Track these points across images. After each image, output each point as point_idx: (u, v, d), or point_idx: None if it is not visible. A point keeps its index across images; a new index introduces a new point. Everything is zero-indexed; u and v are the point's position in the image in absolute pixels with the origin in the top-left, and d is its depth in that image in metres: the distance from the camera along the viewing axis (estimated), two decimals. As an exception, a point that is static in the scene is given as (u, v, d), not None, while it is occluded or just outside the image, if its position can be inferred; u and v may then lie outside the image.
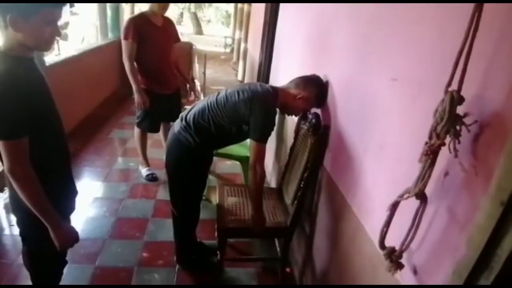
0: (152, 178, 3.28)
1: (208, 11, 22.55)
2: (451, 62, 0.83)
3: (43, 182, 1.25)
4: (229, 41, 13.38)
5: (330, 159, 1.77)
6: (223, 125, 1.81)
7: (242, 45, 7.64)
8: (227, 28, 21.00)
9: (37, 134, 1.25)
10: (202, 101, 1.91)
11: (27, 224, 1.40)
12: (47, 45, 1.28)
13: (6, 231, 2.45)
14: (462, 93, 0.83)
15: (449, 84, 0.86)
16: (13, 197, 1.33)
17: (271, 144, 3.18)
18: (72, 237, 1.41)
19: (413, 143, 1.10)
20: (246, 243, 2.55)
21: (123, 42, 2.80)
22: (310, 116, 1.95)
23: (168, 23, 3.02)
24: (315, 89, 1.82)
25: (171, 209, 2.15)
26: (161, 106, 3.04)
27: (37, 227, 1.30)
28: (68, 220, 1.53)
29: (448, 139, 0.86)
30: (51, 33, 1.23)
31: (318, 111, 1.94)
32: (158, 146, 3.65)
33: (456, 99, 0.83)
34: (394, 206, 0.99)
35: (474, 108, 0.86)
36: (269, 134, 1.77)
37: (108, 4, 5.90)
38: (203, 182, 2.10)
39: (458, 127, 0.85)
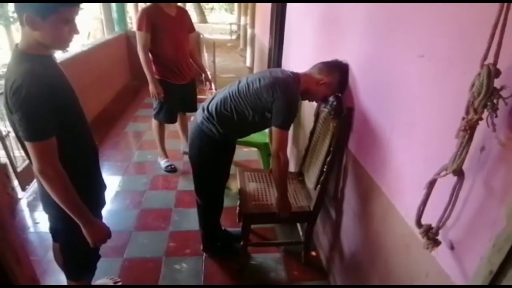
0: (171, 169, 3.31)
1: (211, -1, 22.30)
2: (481, 36, 0.82)
3: (72, 178, 1.27)
4: (234, 28, 13.27)
5: (355, 141, 1.76)
6: (245, 114, 1.80)
7: (249, 31, 7.56)
8: (230, 15, 20.83)
9: (64, 131, 1.26)
10: (223, 90, 1.91)
11: (59, 220, 1.41)
12: (65, 44, 1.27)
13: (31, 229, 2.51)
14: (497, 66, 0.81)
15: (485, 57, 0.84)
16: (43, 194, 1.34)
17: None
18: (105, 233, 1.43)
19: (444, 119, 1.09)
20: (267, 229, 2.57)
21: (137, 33, 2.80)
22: (331, 99, 1.93)
23: (182, 12, 2.99)
24: (338, 74, 1.79)
25: (195, 199, 2.18)
26: (177, 97, 3.06)
27: (70, 223, 1.32)
28: (100, 215, 1.56)
29: (485, 114, 0.85)
30: (69, 31, 1.22)
31: (341, 93, 1.92)
32: (176, 137, 3.68)
33: (493, 72, 0.82)
34: (431, 184, 0.99)
35: (510, 81, 0.84)
36: (292, 121, 1.76)
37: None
38: (227, 171, 2.11)
39: (495, 101, 0.84)
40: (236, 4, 13.88)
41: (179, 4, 3.00)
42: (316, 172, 1.99)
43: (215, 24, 16.46)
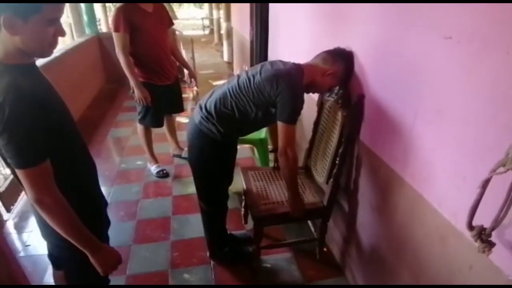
0: (163, 174, 3.15)
1: (178, -5, 21.80)
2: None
3: (73, 203, 1.10)
4: (206, 22, 13.01)
5: (368, 131, 1.67)
6: (248, 111, 1.68)
7: (224, 25, 7.38)
8: (200, 9, 20.41)
9: (59, 152, 1.08)
10: (222, 87, 1.78)
11: (62, 249, 1.22)
12: (50, 49, 1.05)
13: (22, 253, 2.31)
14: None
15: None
16: (41, 222, 1.17)
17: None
18: (115, 259, 1.26)
19: (480, 103, 1.01)
20: (274, 227, 2.47)
21: (114, 35, 2.58)
22: (335, 88, 1.84)
23: (159, 6, 2.77)
24: (344, 63, 1.70)
25: (199, 204, 2.05)
26: (163, 98, 2.88)
27: (75, 250, 1.14)
28: (106, 237, 1.42)
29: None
30: (55, 33, 1.02)
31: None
32: (163, 139, 3.51)
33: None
34: (486, 183, 0.89)
35: None
36: (299, 114, 1.64)
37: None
38: (231, 173, 1.98)
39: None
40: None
41: None
42: (326, 165, 1.90)
43: (186, 20, 16.06)
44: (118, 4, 2.66)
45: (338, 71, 1.69)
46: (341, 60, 1.69)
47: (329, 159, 1.86)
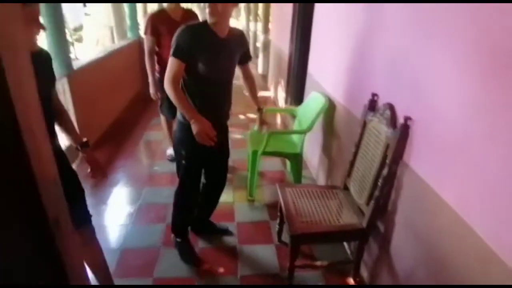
0: (172, 158, 3.41)
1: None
2: None
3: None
4: (242, 34, 13.17)
5: (413, 153, 1.61)
6: (184, 80, 1.85)
7: (261, 37, 7.46)
8: (236, 21, 20.77)
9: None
10: None
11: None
12: (32, 46, 1.25)
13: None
14: None
15: None
16: None
17: (316, 137, 3.04)
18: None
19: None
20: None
21: (144, 37, 3.06)
22: (381, 108, 1.79)
23: (188, 16, 3.05)
24: None
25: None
26: None
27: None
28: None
29: None
30: (36, 32, 1.22)
31: (392, 100, 1.78)
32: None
33: None
34: None
35: None
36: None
37: (125, 3, 5.78)
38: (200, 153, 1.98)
39: None
40: (242, 10, 13.86)
41: (188, 6, 3.15)
42: (367, 186, 1.84)
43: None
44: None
45: None
46: None
47: (371, 180, 1.81)
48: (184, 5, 3.12)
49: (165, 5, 3.08)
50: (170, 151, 3.49)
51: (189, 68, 1.79)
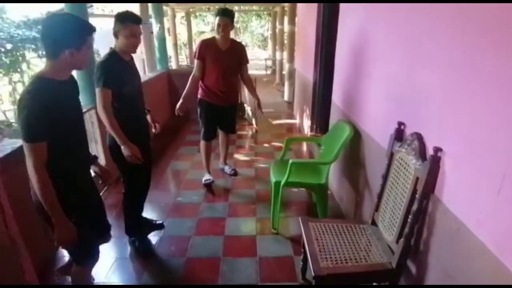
0: (205, 182, 3.65)
1: (244, 36, 23.02)
2: None
3: (59, 183, 1.52)
4: (269, 63, 13.41)
5: (447, 187, 1.48)
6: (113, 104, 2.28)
7: (287, 66, 7.51)
8: (263, 51, 21.26)
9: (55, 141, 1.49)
10: None
11: None
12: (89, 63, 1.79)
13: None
14: None
15: None
16: None
17: (342, 166, 2.92)
18: (70, 235, 1.56)
19: None
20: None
21: (194, 61, 3.36)
22: (409, 138, 1.68)
23: (234, 46, 3.36)
24: None
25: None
26: (216, 117, 3.51)
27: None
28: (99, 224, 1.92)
29: None
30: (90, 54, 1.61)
31: (420, 129, 1.66)
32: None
33: None
34: None
35: None
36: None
37: (154, 37, 6.02)
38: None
39: None
40: (270, 40, 14.15)
41: (235, 38, 3.33)
42: (396, 222, 1.70)
43: (250, 59, 16.76)
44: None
45: None
46: None
47: (400, 216, 1.67)
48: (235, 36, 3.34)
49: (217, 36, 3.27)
50: (204, 177, 3.68)
51: None
